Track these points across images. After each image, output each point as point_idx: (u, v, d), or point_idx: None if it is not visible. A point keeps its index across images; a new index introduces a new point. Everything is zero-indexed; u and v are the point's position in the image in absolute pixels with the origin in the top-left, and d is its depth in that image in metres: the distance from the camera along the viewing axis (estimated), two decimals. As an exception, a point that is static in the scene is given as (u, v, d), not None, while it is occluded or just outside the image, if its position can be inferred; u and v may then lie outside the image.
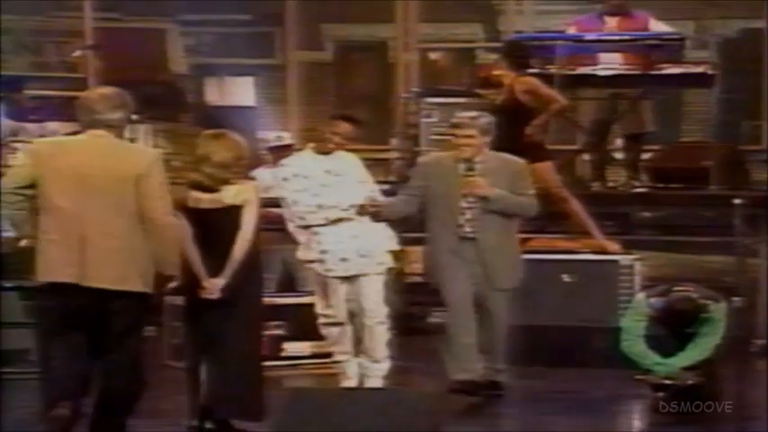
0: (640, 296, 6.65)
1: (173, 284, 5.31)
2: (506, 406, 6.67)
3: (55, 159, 5.13)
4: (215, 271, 5.63)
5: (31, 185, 5.07)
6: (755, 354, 8.02)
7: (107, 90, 5.35)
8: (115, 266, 5.04)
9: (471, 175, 6.49)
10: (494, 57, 8.77)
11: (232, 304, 5.61)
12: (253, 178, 5.96)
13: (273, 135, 9.23)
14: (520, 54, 8.41)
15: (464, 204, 6.54)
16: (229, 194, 5.68)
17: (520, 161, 6.76)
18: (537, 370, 7.19)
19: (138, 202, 5.07)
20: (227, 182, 5.69)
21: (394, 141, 10.33)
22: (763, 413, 6.07)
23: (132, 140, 9.69)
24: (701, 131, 10.54)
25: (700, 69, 9.43)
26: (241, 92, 12.00)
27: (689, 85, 10.22)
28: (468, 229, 6.55)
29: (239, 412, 5.68)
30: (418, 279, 9.59)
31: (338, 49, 12.41)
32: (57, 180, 5.07)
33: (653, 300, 6.46)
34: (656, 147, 9.94)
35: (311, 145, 6.62)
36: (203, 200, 5.69)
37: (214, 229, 5.67)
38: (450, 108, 9.58)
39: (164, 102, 11.09)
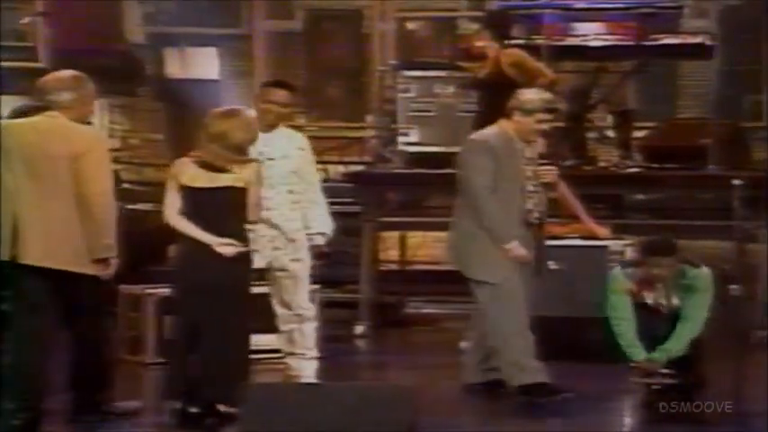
0: (616, 270, 6.69)
1: (108, 271, 5.64)
2: (490, 404, 6.70)
3: (5, 139, 5.70)
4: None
5: None
6: (755, 346, 8.09)
7: (63, 72, 5.92)
8: (49, 244, 5.60)
9: (544, 162, 6.62)
10: (476, 27, 8.78)
11: (222, 288, 5.72)
12: (257, 160, 6.01)
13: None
14: (503, 24, 8.42)
15: (531, 188, 6.60)
16: (230, 175, 5.76)
17: None
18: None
19: (74, 182, 5.59)
20: (234, 162, 5.77)
21: (369, 118, 10.34)
22: (763, 409, 6.12)
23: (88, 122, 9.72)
24: (699, 107, 10.61)
25: (697, 40, 9.46)
26: (204, 64, 11.97)
27: (686, 57, 10.26)
28: (536, 215, 6.64)
29: (226, 397, 5.79)
30: (394, 267, 9.68)
31: (309, 17, 12.38)
32: (4, 160, 5.63)
33: (629, 270, 6.52)
34: (650, 124, 9.99)
35: None
36: (201, 179, 5.78)
37: (208, 209, 5.78)
38: (429, 82, 9.61)
39: (120, 74, 11.06)
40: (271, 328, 6.66)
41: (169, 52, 11.99)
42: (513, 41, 8.48)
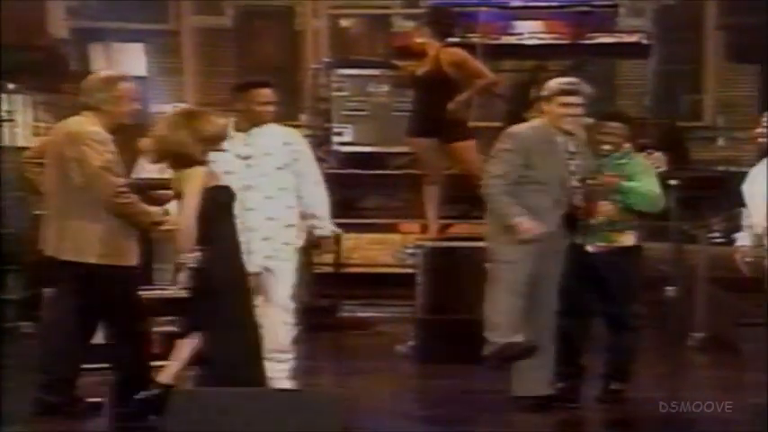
0: None
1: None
2: (423, 410, 6.76)
3: (48, 137, 6.29)
4: None
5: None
6: (693, 348, 8.24)
7: (98, 72, 6.27)
8: (67, 240, 5.98)
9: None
10: (411, 24, 8.84)
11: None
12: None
13: (167, 108, 9.21)
14: (445, 22, 8.48)
15: (576, 183, 6.55)
16: None
17: None
18: (466, 367, 7.24)
19: (83, 183, 5.96)
20: None
21: (303, 117, 10.37)
22: (702, 411, 6.24)
23: (10, 113, 9.68)
24: (636, 106, 10.78)
25: (634, 39, 9.62)
26: (130, 60, 11.94)
27: (622, 56, 10.43)
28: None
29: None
30: (328, 269, 9.72)
31: (239, 14, 12.41)
32: (46, 158, 6.11)
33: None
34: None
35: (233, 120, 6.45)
36: None
37: None
38: (363, 80, 9.67)
39: (43, 70, 11.00)
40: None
41: (94, 48, 11.95)
42: (450, 40, 8.55)
